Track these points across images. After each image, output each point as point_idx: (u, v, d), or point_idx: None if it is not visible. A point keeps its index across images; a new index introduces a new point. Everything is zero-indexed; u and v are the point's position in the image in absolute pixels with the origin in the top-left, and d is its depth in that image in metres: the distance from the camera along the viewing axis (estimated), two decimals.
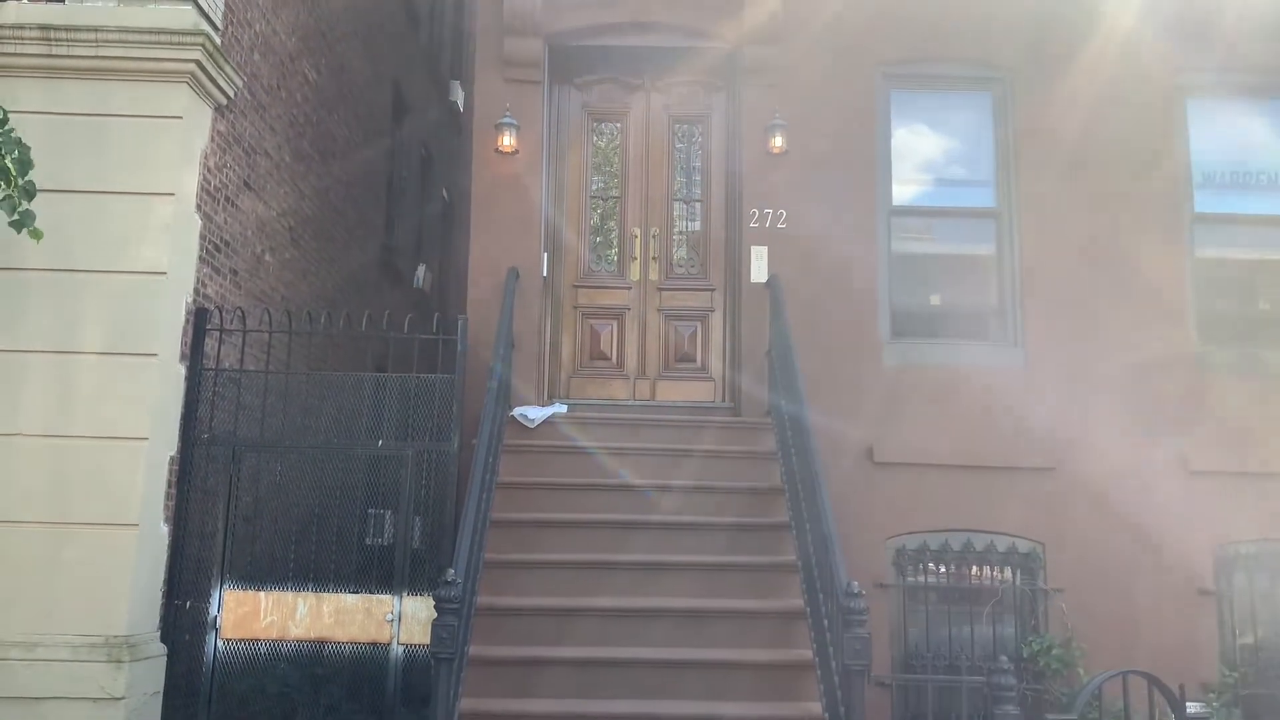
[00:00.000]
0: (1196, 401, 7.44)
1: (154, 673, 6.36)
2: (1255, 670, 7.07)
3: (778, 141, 7.58)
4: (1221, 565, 7.25)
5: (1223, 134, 7.92)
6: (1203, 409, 7.43)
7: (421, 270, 13.25)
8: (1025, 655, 6.97)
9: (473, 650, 5.29)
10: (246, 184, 7.91)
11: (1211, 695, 6.70)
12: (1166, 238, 7.67)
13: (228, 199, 7.55)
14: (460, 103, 15.60)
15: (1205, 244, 7.78)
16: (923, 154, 7.97)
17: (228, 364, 7.29)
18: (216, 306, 7.21)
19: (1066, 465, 7.35)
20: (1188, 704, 5.96)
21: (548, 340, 7.79)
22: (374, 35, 11.36)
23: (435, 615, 4.41)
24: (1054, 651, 6.92)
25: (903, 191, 7.88)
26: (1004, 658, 4.68)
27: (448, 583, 4.40)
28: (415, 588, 6.73)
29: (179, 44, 6.67)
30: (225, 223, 7.52)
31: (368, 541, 7.29)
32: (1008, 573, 7.32)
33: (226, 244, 7.57)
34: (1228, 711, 6.67)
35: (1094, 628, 7.03)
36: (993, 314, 7.79)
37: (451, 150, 15.97)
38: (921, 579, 7.28)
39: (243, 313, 7.19)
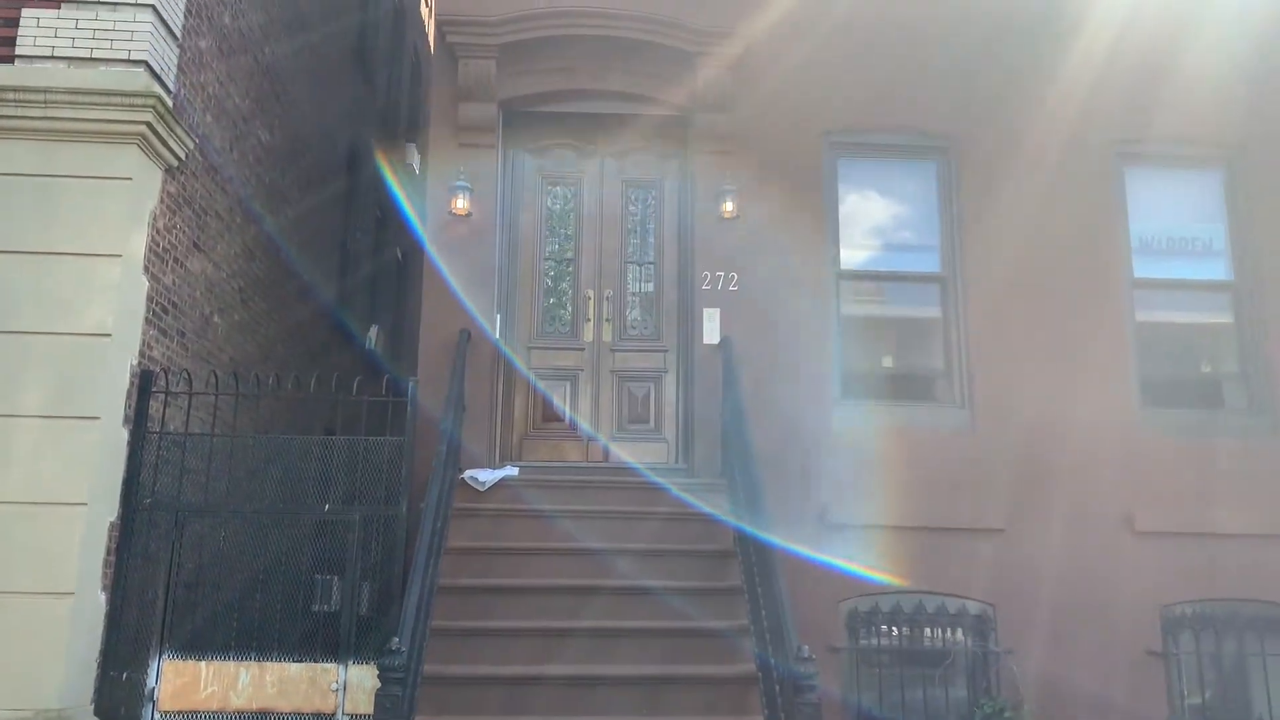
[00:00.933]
0: (1140, 462, 7.56)
1: None
2: None
3: (729, 206, 7.70)
4: (1168, 626, 7.32)
5: (1160, 202, 8.17)
6: (1146, 470, 7.55)
7: (373, 331, 13.18)
8: (977, 718, 6.95)
9: None
10: (196, 245, 7.85)
11: None
12: (1108, 302, 7.86)
13: (176, 260, 7.49)
14: (415, 165, 15.67)
15: (1145, 308, 7.98)
16: (871, 220, 8.13)
17: (173, 427, 7.17)
18: (162, 369, 7.11)
19: (1015, 526, 7.42)
20: None
21: (500, 402, 7.76)
22: (329, 98, 11.41)
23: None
24: (1006, 714, 6.90)
25: (852, 256, 8.02)
26: None
27: (392, 651, 4.31)
28: (362, 656, 6.58)
29: (130, 105, 6.66)
30: (173, 284, 7.45)
31: (314, 608, 7.14)
32: (959, 634, 7.33)
33: (174, 305, 7.49)
34: None
35: (1045, 689, 7.04)
36: (941, 376, 7.90)
37: (406, 213, 16.00)
38: (874, 641, 7.26)
39: (189, 375, 7.09)
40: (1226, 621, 7.35)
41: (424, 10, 17.33)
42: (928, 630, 7.31)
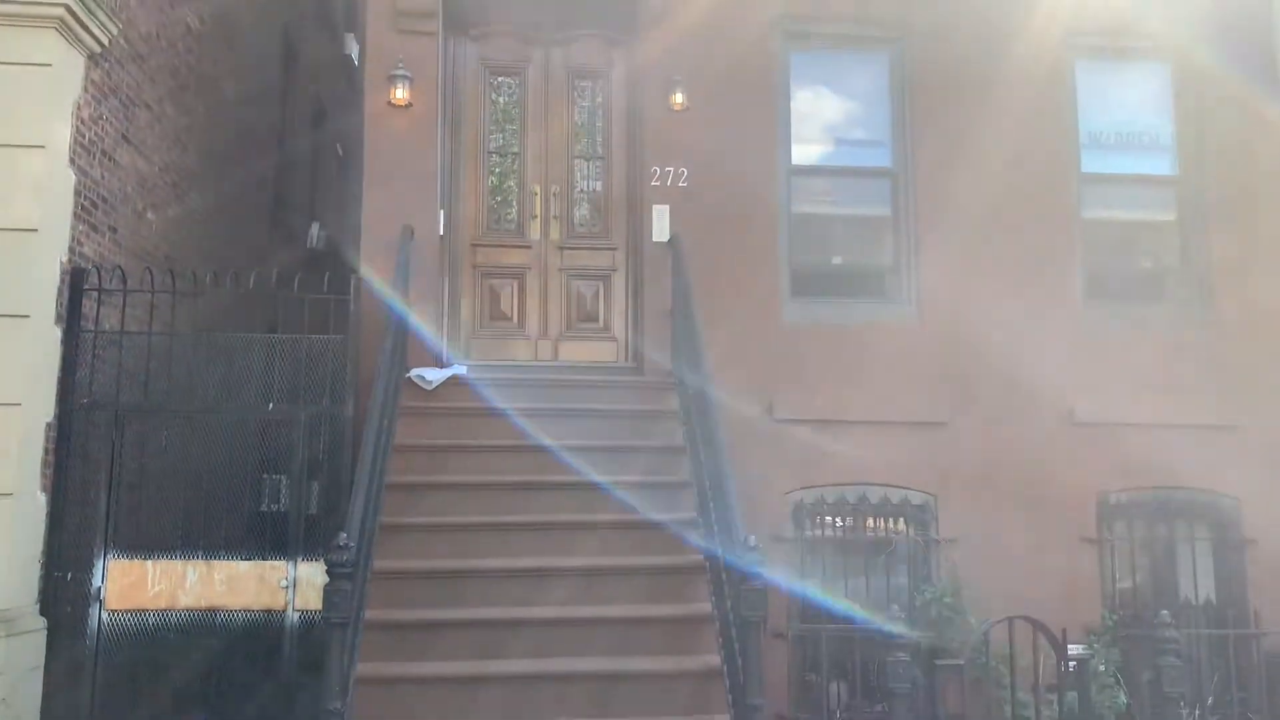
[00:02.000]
0: (1082, 355, 7.68)
1: (33, 646, 6.11)
2: (1133, 613, 7.39)
3: (678, 98, 7.52)
4: (1104, 514, 7.54)
5: (1109, 96, 8.13)
6: (1088, 362, 7.67)
7: (315, 228, 12.87)
8: (918, 604, 7.16)
9: (369, 614, 5.18)
10: (125, 137, 7.54)
11: (1093, 637, 6.98)
12: (1056, 197, 7.87)
13: (104, 153, 7.19)
14: (355, 55, 15.12)
15: (1092, 203, 8.01)
16: (823, 114, 8.01)
17: (108, 326, 6.98)
18: (95, 266, 6.88)
19: (958, 419, 7.54)
20: (1069, 646, 6.22)
21: (446, 300, 7.64)
22: None
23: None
24: (945, 600, 7.11)
25: (803, 151, 7.92)
26: (895, 607, 4.79)
27: (340, 547, 4.30)
28: (311, 553, 6.59)
29: None
30: (102, 178, 7.17)
31: (262, 508, 7.11)
32: (902, 524, 7.50)
33: (104, 200, 7.22)
34: (1107, 652, 6.96)
35: (984, 576, 7.22)
36: (890, 272, 7.91)
37: (346, 104, 15.49)
38: (819, 532, 7.41)
39: (123, 272, 6.88)
40: (1159, 509, 7.59)
41: None
42: (871, 520, 7.47)
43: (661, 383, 7.20)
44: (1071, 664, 6.18)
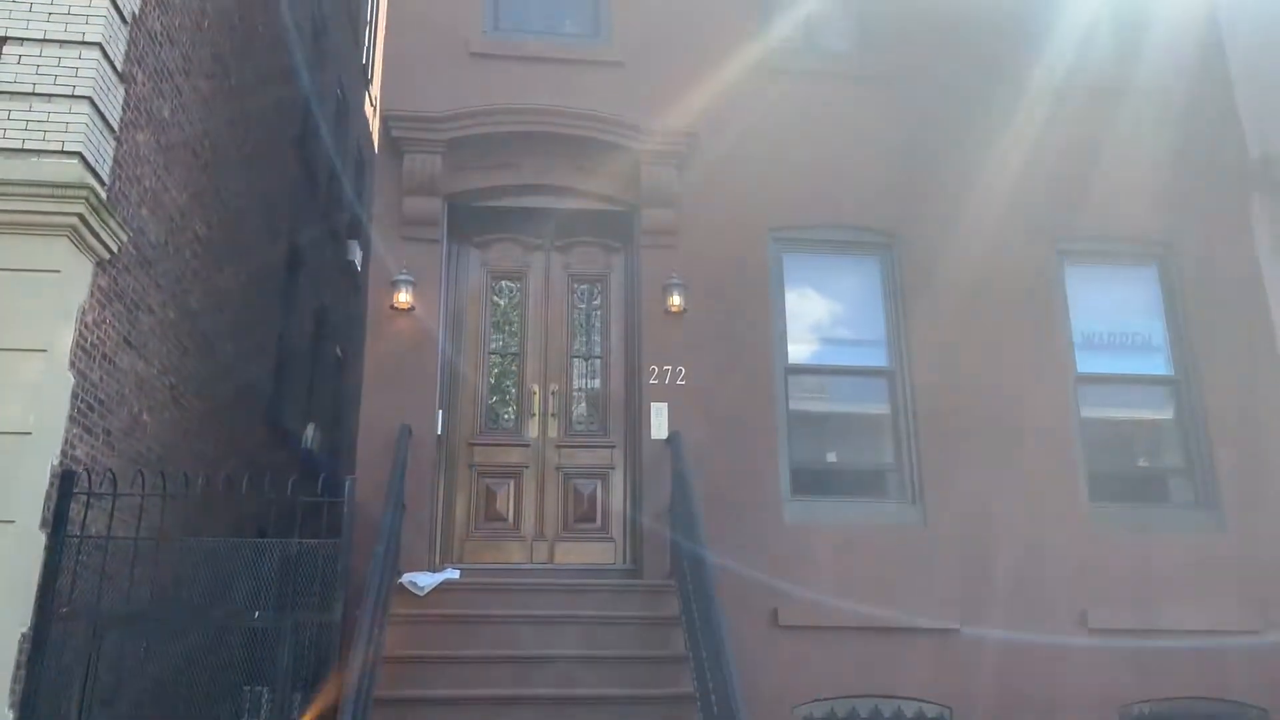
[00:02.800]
0: (1091, 558, 7.51)
1: None
2: None
3: (675, 300, 7.65)
4: None
5: (1100, 298, 8.30)
6: (1097, 566, 7.50)
7: (311, 430, 12.85)
8: None
9: None
10: (127, 341, 7.59)
11: None
12: (1054, 397, 7.90)
13: (105, 356, 7.22)
14: (358, 261, 15.55)
15: (1089, 403, 8.02)
16: (817, 314, 8.14)
17: (95, 530, 6.81)
18: (86, 469, 6.77)
19: (970, 625, 7.28)
20: None
21: (441, 501, 7.51)
22: (271, 194, 11.29)
23: None
24: None
25: (799, 350, 7.99)
26: None
27: None
28: None
29: (61, 197, 6.47)
30: (101, 380, 7.16)
31: None
32: None
33: (101, 403, 7.19)
34: None
35: None
36: (891, 471, 7.83)
37: (348, 309, 15.80)
38: None
39: (113, 475, 6.76)
40: None
41: (368, 109, 17.43)
42: None
43: (661, 586, 6.98)
44: None
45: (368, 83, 17.55)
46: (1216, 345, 8.16)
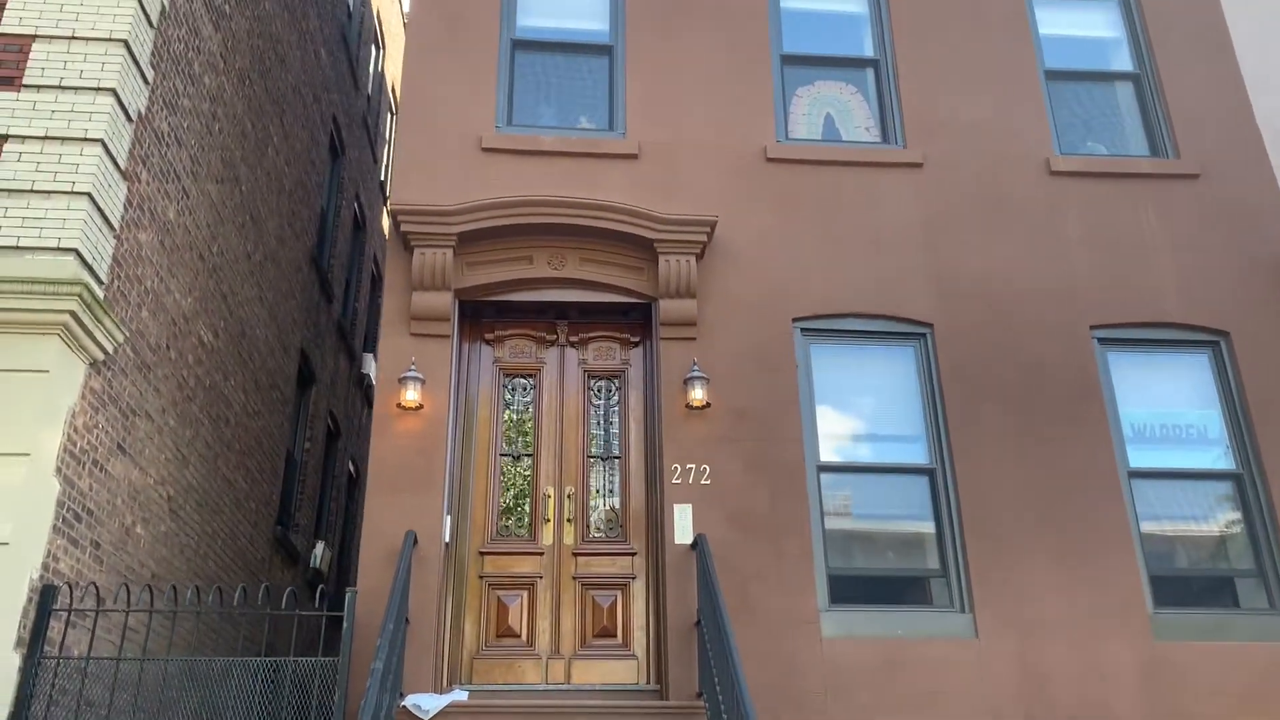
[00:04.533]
0: (1159, 671, 6.84)
1: None
2: None
3: (697, 394, 7.22)
4: None
5: (1149, 387, 7.81)
6: (1167, 680, 6.81)
7: (320, 548, 12.34)
8: None
9: None
10: (120, 447, 7.21)
11: None
12: (1106, 494, 7.34)
13: (95, 463, 6.83)
14: (373, 376, 15.27)
15: (1146, 500, 7.45)
16: (849, 409, 7.66)
17: (77, 651, 6.31)
18: (69, 584, 6.30)
19: None
20: None
21: (448, 614, 6.95)
22: (282, 303, 11.08)
23: None
24: None
25: (831, 447, 7.50)
26: None
27: None
28: None
29: (53, 294, 6.20)
30: (90, 489, 6.75)
31: None
32: None
33: (89, 513, 6.77)
34: None
35: None
36: (937, 577, 7.23)
37: (362, 425, 15.46)
38: None
39: (97, 589, 6.28)
40: None
41: (384, 222, 17.44)
42: None
43: (690, 707, 6.36)
44: None
45: (385, 200, 17.59)
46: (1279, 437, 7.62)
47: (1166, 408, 7.83)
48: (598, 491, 7.49)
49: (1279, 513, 7.39)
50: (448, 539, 7.00)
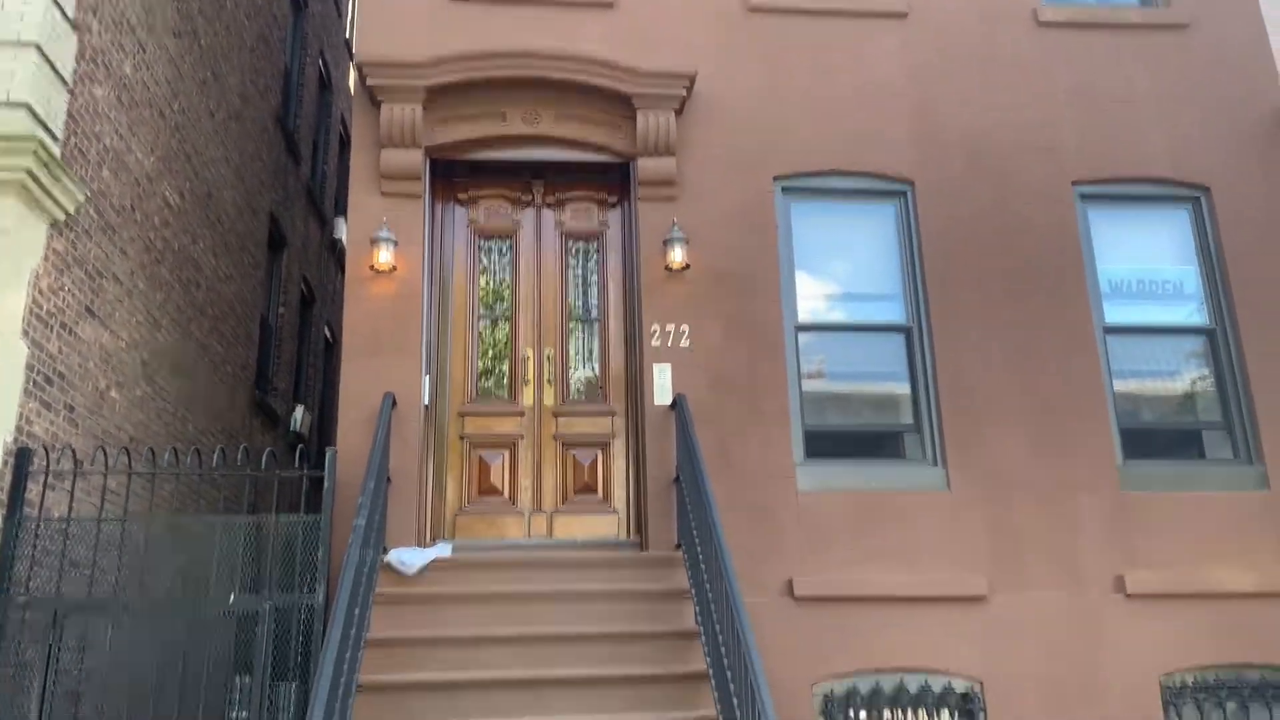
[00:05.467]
0: (1127, 519, 7.03)
1: None
2: None
3: (677, 255, 7.13)
4: (1169, 696, 6.70)
5: (1128, 243, 7.79)
6: (1134, 527, 7.02)
7: (299, 412, 12.35)
8: None
9: None
10: (90, 310, 7.08)
11: None
12: (1081, 349, 7.40)
13: (64, 326, 6.71)
14: (345, 240, 15.02)
15: (1119, 355, 7.52)
16: (828, 268, 7.61)
17: (57, 513, 6.33)
18: (45, 446, 6.27)
19: (999, 593, 6.80)
20: None
21: (430, 474, 7.01)
22: (248, 165, 10.76)
23: None
24: None
25: (810, 306, 7.47)
26: None
27: None
28: None
29: (6, 150, 5.96)
30: (60, 352, 6.66)
31: (233, 716, 6.24)
32: (945, 717, 6.63)
33: (61, 376, 6.69)
34: None
35: None
36: (910, 433, 7.32)
37: (336, 290, 15.28)
38: None
39: (74, 452, 6.26)
40: (1231, 690, 6.75)
41: (351, 80, 16.87)
42: (911, 713, 6.61)
43: (668, 558, 6.50)
44: None
45: (351, 56, 16.97)
46: (1254, 292, 7.65)
47: (1144, 264, 7.84)
48: (577, 354, 7.47)
49: (1249, 367, 7.48)
50: (427, 400, 7.00)
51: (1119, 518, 7.06)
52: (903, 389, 7.43)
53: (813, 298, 7.51)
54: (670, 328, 7.13)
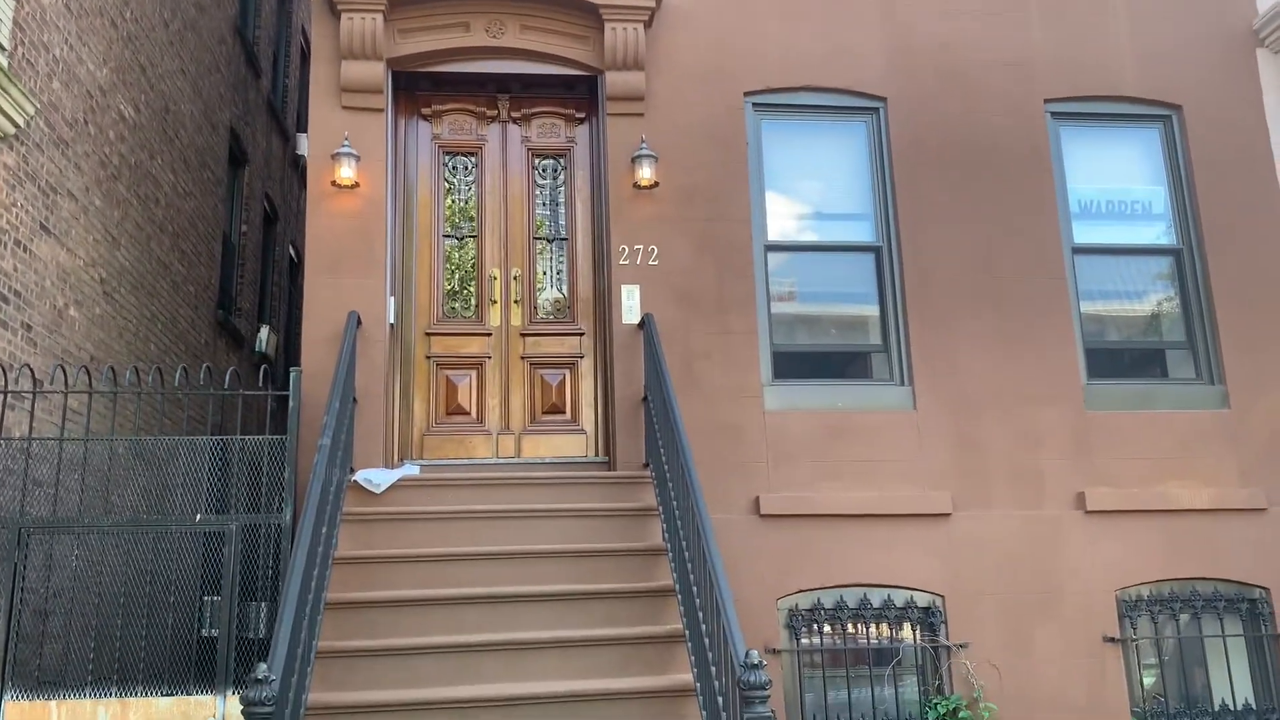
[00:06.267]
0: (1089, 438, 7.13)
1: None
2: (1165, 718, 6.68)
3: (645, 173, 7.03)
4: (1125, 609, 6.88)
5: (1098, 163, 7.76)
6: (1095, 446, 7.12)
7: (264, 333, 12.21)
8: (930, 719, 6.41)
9: None
10: (44, 227, 6.92)
11: None
12: (1049, 269, 7.41)
13: (18, 243, 6.56)
14: (308, 155, 14.70)
15: (1087, 276, 7.55)
16: (799, 186, 7.54)
17: (18, 433, 6.25)
18: (1, 366, 6.16)
19: (962, 510, 6.91)
20: None
21: (397, 394, 6.97)
22: (206, 77, 10.45)
23: None
24: (960, 714, 6.39)
25: (780, 226, 7.42)
26: None
27: (258, 680, 3.53)
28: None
29: None
30: (15, 270, 6.52)
31: (204, 634, 6.27)
32: (907, 629, 6.79)
33: (16, 294, 6.56)
34: None
35: (1000, 685, 6.55)
36: (878, 352, 7.35)
37: (300, 208, 15.01)
38: (816, 641, 6.68)
39: (31, 371, 6.16)
40: (1185, 603, 6.94)
41: None
42: (874, 626, 6.75)
43: (636, 477, 6.54)
44: None
45: None
46: (1222, 213, 7.67)
47: (1114, 184, 7.83)
48: (544, 273, 7.40)
49: (1214, 287, 7.53)
50: (392, 320, 6.93)
51: (1082, 436, 7.15)
52: (872, 309, 7.43)
53: (782, 216, 7.45)
54: (639, 247, 7.07)
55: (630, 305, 6.95)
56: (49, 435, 6.32)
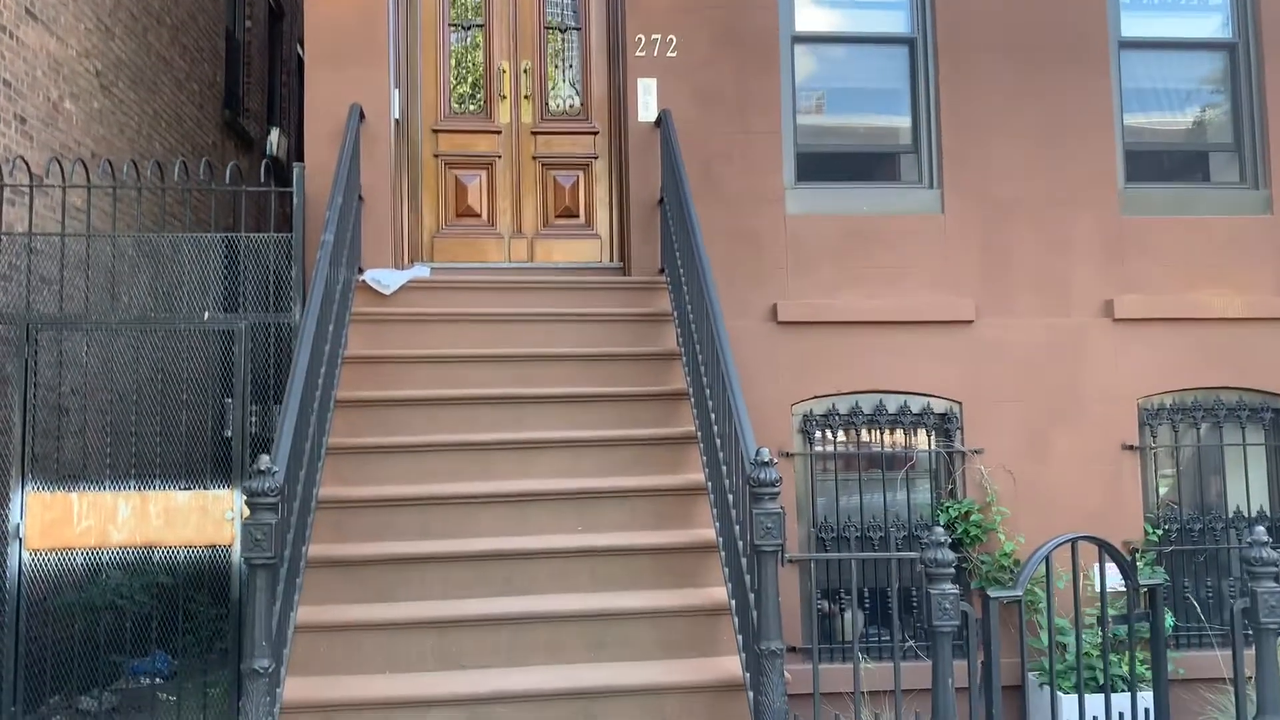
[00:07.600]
0: (1122, 244, 6.86)
1: None
2: (1179, 527, 6.70)
3: None
4: (1146, 418, 6.79)
5: None
6: (1128, 252, 6.86)
7: (275, 134, 11.86)
8: (941, 522, 6.44)
9: (314, 550, 4.43)
10: (30, 13, 6.57)
11: (1136, 554, 6.29)
12: (1094, 64, 6.95)
13: (3, 28, 6.22)
14: None
15: (1132, 71, 7.09)
16: None
17: (20, 229, 6.10)
18: None
19: (986, 317, 6.73)
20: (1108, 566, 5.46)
21: (404, 194, 6.74)
22: None
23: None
24: (972, 517, 6.42)
25: (808, 16, 6.95)
26: (939, 529, 4.02)
27: (261, 472, 3.49)
28: None
29: None
30: (3, 57, 6.21)
31: (227, 434, 6.30)
32: (922, 435, 6.75)
33: (6, 84, 6.30)
34: (1152, 570, 6.28)
35: (1014, 490, 6.54)
36: (907, 154, 7.01)
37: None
38: (830, 446, 6.66)
39: (27, 164, 5.96)
40: (1208, 411, 6.84)
41: None
42: (888, 432, 6.72)
43: (651, 282, 6.38)
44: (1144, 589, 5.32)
45: None
46: None
47: None
48: (556, 66, 7.01)
49: (1268, 84, 7.07)
50: (397, 115, 6.62)
51: (1114, 242, 6.88)
52: (902, 108, 7.03)
53: (809, 4, 6.97)
54: (656, 37, 6.65)
55: (646, 101, 6.60)
56: (53, 231, 6.17)
